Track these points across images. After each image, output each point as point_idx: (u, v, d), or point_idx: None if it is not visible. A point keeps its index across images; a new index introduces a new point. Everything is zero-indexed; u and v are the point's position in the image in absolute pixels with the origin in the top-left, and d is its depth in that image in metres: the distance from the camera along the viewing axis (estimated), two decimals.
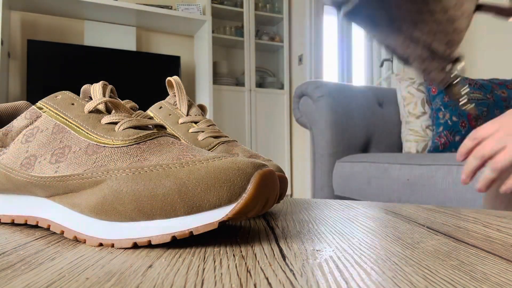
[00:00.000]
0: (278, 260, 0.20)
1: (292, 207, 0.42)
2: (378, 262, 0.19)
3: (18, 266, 0.18)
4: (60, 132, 0.27)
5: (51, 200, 0.26)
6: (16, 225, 0.30)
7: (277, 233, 0.27)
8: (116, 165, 0.24)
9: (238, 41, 2.91)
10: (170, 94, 0.47)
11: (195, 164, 0.23)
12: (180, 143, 0.26)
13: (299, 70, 2.95)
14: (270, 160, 0.40)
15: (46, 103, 0.28)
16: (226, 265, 0.19)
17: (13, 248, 0.22)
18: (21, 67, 2.41)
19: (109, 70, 2.51)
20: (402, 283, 0.16)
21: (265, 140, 2.90)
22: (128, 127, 0.26)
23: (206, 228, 0.22)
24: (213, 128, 0.43)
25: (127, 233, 0.23)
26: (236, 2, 2.91)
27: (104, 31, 2.62)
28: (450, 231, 0.28)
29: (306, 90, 1.50)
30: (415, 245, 0.23)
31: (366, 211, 0.39)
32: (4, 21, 2.06)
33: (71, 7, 2.43)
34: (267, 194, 0.23)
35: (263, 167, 0.23)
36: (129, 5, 2.47)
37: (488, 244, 0.24)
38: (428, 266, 0.18)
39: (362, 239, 0.25)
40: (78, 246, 0.23)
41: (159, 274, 0.17)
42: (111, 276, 0.17)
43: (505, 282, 0.16)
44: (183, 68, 2.86)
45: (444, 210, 0.40)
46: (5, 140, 0.29)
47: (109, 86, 0.29)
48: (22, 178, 0.27)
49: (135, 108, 0.30)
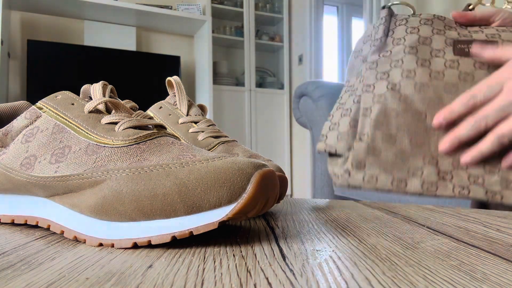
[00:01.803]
0: (278, 260, 0.20)
1: (292, 207, 0.42)
2: (378, 262, 0.19)
3: (18, 266, 0.18)
4: (60, 132, 0.27)
5: (51, 200, 0.26)
6: (16, 225, 0.30)
7: (277, 233, 0.27)
8: (116, 165, 0.24)
9: (238, 41, 2.91)
10: (170, 94, 0.47)
11: (195, 164, 0.23)
12: (180, 143, 0.26)
13: (299, 70, 2.95)
14: (270, 160, 0.40)
15: (46, 103, 0.28)
16: (226, 265, 0.19)
17: (13, 248, 0.22)
18: (21, 67, 2.41)
19: (109, 70, 2.51)
20: (402, 283, 0.16)
21: (265, 140, 2.90)
22: (128, 127, 0.26)
23: (206, 228, 0.22)
24: (213, 128, 0.43)
25: (127, 233, 0.23)
26: (236, 2, 2.91)
27: (104, 31, 2.62)
28: (450, 231, 0.28)
29: (306, 90, 1.50)
30: (415, 245, 0.23)
31: (366, 211, 0.39)
32: (4, 21, 2.06)
33: (71, 7, 2.43)
34: (267, 194, 0.23)
35: (263, 167, 0.23)
36: (129, 5, 2.47)
37: (488, 244, 0.23)
38: (428, 266, 0.18)
39: (362, 239, 0.25)
40: (78, 246, 0.23)
41: (159, 274, 0.17)
42: (111, 276, 0.17)
43: (505, 283, 0.16)
44: (183, 68, 2.86)
45: (444, 210, 0.40)
46: (5, 140, 0.29)
47: (109, 86, 0.29)
48: (22, 178, 0.27)
49: (135, 108, 0.30)
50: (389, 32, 0.51)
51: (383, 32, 0.51)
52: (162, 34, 2.89)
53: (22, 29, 2.46)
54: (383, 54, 0.50)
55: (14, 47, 2.40)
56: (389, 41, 0.51)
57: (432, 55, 0.49)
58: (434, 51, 0.49)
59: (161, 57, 2.70)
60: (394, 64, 0.50)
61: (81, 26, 2.61)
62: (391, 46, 0.50)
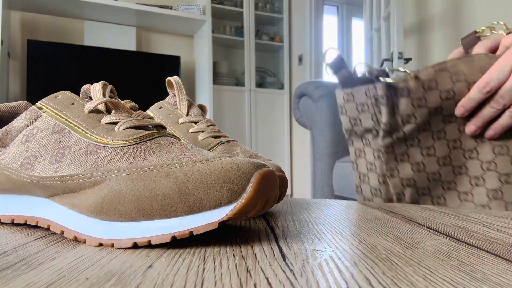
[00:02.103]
0: (278, 260, 0.20)
1: (292, 207, 0.42)
2: (378, 262, 0.19)
3: (18, 266, 0.18)
4: (60, 132, 0.27)
5: (51, 200, 0.26)
6: (16, 225, 0.30)
7: (277, 233, 0.27)
8: (116, 165, 0.24)
9: (238, 41, 2.91)
10: (170, 94, 0.47)
11: (195, 164, 0.23)
12: (180, 143, 0.26)
13: (299, 70, 2.94)
14: (270, 160, 0.40)
15: (46, 103, 0.28)
16: (226, 265, 0.19)
17: (13, 248, 0.22)
18: (21, 67, 2.41)
19: (109, 70, 2.51)
20: (402, 283, 0.16)
21: (265, 140, 2.90)
22: (128, 127, 0.26)
23: (206, 228, 0.22)
24: (213, 128, 0.43)
25: (127, 233, 0.23)
26: (236, 2, 2.91)
27: (104, 31, 2.62)
28: (450, 231, 0.28)
29: (306, 90, 1.50)
30: (415, 245, 0.23)
31: (366, 211, 0.39)
32: (4, 21, 2.06)
33: (71, 7, 2.42)
34: (267, 194, 0.23)
35: (263, 167, 0.23)
36: (129, 5, 2.47)
37: (488, 244, 0.23)
38: (428, 266, 0.18)
39: (362, 239, 0.25)
40: (78, 246, 0.23)
41: (159, 274, 0.17)
42: (111, 276, 0.17)
43: (505, 283, 0.16)
44: (183, 68, 2.86)
45: (444, 210, 0.40)
46: (5, 140, 0.29)
47: (109, 86, 0.29)
48: (22, 178, 0.27)
49: (135, 108, 0.30)
50: (395, 110, 0.48)
51: (388, 116, 0.48)
52: (162, 34, 2.89)
53: (22, 29, 2.46)
54: (396, 137, 0.49)
55: (14, 47, 2.40)
56: (398, 120, 0.48)
57: (445, 122, 0.49)
58: (446, 118, 0.48)
59: (161, 57, 2.70)
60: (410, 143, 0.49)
61: (81, 26, 2.61)
62: (401, 125, 0.48)
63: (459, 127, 0.48)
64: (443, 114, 0.48)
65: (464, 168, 0.49)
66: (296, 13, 3.01)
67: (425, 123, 0.48)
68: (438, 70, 0.46)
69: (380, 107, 0.48)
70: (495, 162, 0.47)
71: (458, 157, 0.49)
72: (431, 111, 0.47)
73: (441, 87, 0.46)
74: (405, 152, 0.49)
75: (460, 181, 0.49)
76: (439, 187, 0.50)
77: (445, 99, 0.46)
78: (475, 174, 0.48)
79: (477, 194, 0.49)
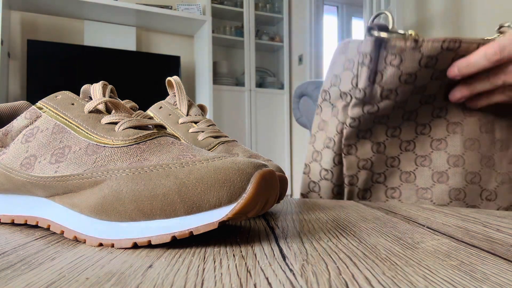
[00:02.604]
0: (278, 260, 0.20)
1: (292, 207, 0.42)
2: (378, 262, 0.19)
3: (18, 266, 0.18)
4: (60, 132, 0.27)
5: (51, 200, 0.26)
6: (16, 225, 0.30)
7: (277, 233, 0.27)
8: (116, 165, 0.24)
9: (238, 41, 2.91)
10: (170, 94, 0.47)
11: (195, 164, 0.23)
12: (180, 143, 0.26)
13: (299, 70, 2.94)
14: (270, 160, 0.40)
15: (46, 103, 0.28)
16: (226, 265, 0.19)
17: (13, 248, 0.22)
18: (21, 67, 2.41)
19: (109, 70, 2.51)
20: (402, 283, 0.16)
21: (265, 140, 2.90)
22: (128, 127, 0.26)
23: (206, 228, 0.22)
24: (213, 128, 0.43)
25: (127, 233, 0.23)
26: (236, 2, 2.91)
27: (104, 31, 2.62)
28: (450, 231, 0.28)
29: (306, 90, 1.50)
30: (415, 245, 0.23)
31: (366, 211, 0.39)
32: (4, 21, 2.06)
33: (71, 7, 2.42)
34: (267, 194, 0.23)
35: (263, 167, 0.23)
36: (129, 5, 2.47)
37: (488, 244, 0.23)
38: (428, 266, 0.18)
39: (362, 239, 0.25)
40: (78, 246, 0.23)
41: (159, 274, 0.17)
42: (111, 276, 0.17)
43: (505, 282, 0.16)
44: (183, 68, 2.86)
45: (444, 210, 0.40)
46: (5, 140, 0.29)
47: (109, 86, 0.29)
48: (22, 178, 0.27)
49: (135, 108, 0.30)
50: (376, 77, 0.40)
51: (367, 80, 0.40)
52: (162, 34, 2.89)
53: (22, 29, 2.46)
54: (367, 110, 0.42)
55: (14, 47, 2.40)
56: (376, 92, 0.41)
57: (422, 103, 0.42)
58: (425, 98, 0.42)
59: (161, 57, 2.70)
60: (378, 119, 0.43)
61: (81, 26, 2.61)
62: (378, 98, 0.41)
63: (433, 111, 0.43)
64: (423, 94, 0.41)
65: (427, 159, 0.43)
66: (296, 13, 3.01)
67: (402, 101, 0.41)
68: (446, 48, 0.38)
69: (362, 68, 0.41)
70: (464, 157, 0.42)
71: (424, 146, 0.43)
72: (415, 90, 0.40)
73: (439, 66, 0.39)
74: (369, 129, 0.43)
75: (421, 174, 0.44)
76: (396, 177, 0.45)
77: (435, 78, 0.40)
78: (439, 169, 0.43)
79: (437, 192, 0.43)
